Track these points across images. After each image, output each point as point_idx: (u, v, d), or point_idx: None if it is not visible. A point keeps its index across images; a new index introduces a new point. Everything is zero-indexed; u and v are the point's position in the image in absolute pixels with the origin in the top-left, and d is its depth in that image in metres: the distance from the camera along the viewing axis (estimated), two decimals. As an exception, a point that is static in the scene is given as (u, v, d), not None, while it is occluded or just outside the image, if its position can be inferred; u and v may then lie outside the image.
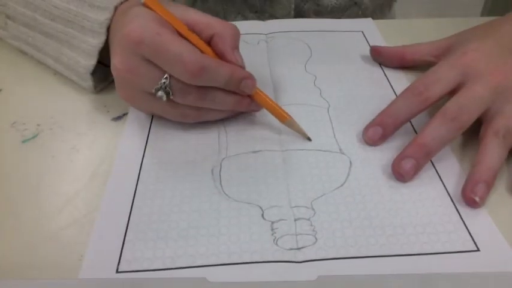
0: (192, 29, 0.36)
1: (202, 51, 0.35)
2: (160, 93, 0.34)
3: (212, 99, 0.36)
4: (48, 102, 0.43)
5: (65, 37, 0.41)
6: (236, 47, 0.36)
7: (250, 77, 0.36)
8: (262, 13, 0.59)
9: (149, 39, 0.33)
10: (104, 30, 0.38)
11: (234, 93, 0.36)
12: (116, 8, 0.38)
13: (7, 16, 0.44)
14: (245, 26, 0.53)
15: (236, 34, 0.37)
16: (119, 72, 0.35)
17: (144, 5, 0.35)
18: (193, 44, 0.35)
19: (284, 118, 0.38)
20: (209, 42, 0.36)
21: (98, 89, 0.43)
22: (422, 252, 0.29)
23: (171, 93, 0.34)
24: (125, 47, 0.34)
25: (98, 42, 0.39)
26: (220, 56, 0.36)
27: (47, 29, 0.42)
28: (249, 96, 0.37)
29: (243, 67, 0.36)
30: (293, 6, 0.58)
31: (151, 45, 0.33)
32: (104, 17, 0.38)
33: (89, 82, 0.41)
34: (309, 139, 0.38)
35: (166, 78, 0.34)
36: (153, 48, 0.33)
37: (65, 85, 0.44)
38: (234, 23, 0.56)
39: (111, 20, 0.38)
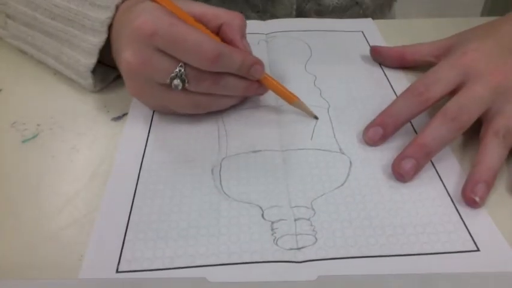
0: (200, 21, 0.37)
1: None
2: (176, 81, 0.35)
3: (225, 84, 0.37)
4: (48, 102, 0.43)
5: (65, 36, 0.41)
6: (244, 36, 0.38)
7: (259, 62, 0.37)
8: (264, 13, 0.59)
9: (164, 30, 0.33)
10: (105, 28, 0.38)
11: (243, 78, 0.37)
12: (117, 7, 0.38)
13: (7, 15, 0.44)
14: (245, 26, 0.54)
15: (243, 24, 0.38)
16: (131, 66, 0.35)
17: None
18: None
19: (292, 99, 0.39)
20: (217, 32, 0.37)
21: (98, 88, 0.43)
22: (422, 252, 0.29)
23: (186, 81, 0.35)
24: (136, 40, 0.34)
25: (98, 41, 0.39)
26: (229, 44, 0.37)
27: (47, 28, 0.42)
28: (258, 80, 0.38)
29: (251, 53, 0.38)
30: (295, 6, 0.58)
31: (167, 36, 0.33)
32: (105, 15, 0.38)
33: (89, 80, 0.41)
34: (316, 117, 0.40)
35: (181, 66, 0.34)
36: (168, 38, 0.33)
37: (65, 85, 0.44)
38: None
39: (113, 18, 0.38)
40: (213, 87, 0.36)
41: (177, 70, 0.34)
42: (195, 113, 0.39)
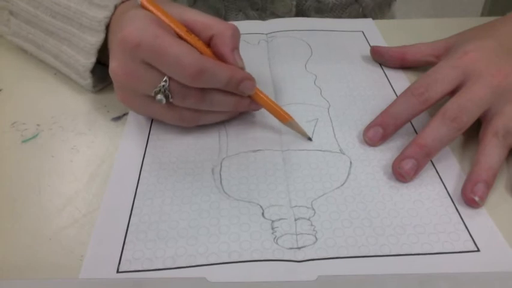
0: (191, 30, 0.36)
1: (201, 53, 0.35)
2: (159, 96, 0.34)
3: (211, 101, 0.35)
4: (48, 102, 0.43)
5: (64, 34, 0.41)
6: (236, 48, 0.36)
7: (249, 78, 0.36)
8: (263, 11, 0.59)
9: (147, 42, 0.32)
10: (102, 28, 0.38)
11: (233, 94, 0.36)
12: (116, 7, 0.38)
13: (10, 12, 0.44)
14: (246, 26, 0.54)
15: (236, 34, 0.36)
16: (117, 77, 0.35)
17: (142, 5, 0.35)
18: (192, 45, 0.35)
19: (285, 119, 0.37)
20: (208, 43, 0.36)
21: (97, 88, 0.43)
22: (422, 252, 0.29)
23: (170, 96, 0.34)
24: (122, 51, 0.34)
25: (96, 40, 0.39)
26: (219, 57, 0.35)
27: (48, 26, 0.42)
28: (249, 96, 0.37)
29: (242, 68, 0.36)
30: (294, 3, 0.58)
31: (150, 48, 0.32)
32: (103, 15, 0.38)
33: (88, 80, 0.41)
34: (310, 139, 0.38)
35: (165, 81, 0.33)
36: (151, 51, 0.32)
37: (65, 85, 0.44)
38: (235, 21, 0.56)
39: (111, 18, 0.38)
40: (198, 103, 0.35)
41: (161, 85, 0.33)
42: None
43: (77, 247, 0.30)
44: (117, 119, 0.41)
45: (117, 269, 0.29)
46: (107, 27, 0.38)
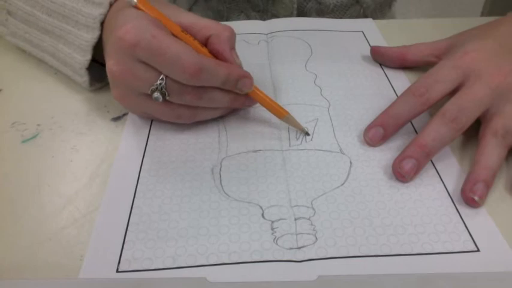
0: (188, 31, 0.36)
1: (197, 52, 0.35)
2: (156, 94, 0.34)
3: (209, 98, 0.36)
4: (48, 102, 0.43)
5: (60, 32, 0.41)
6: (233, 47, 0.37)
7: (247, 75, 0.36)
8: (265, 12, 0.59)
9: (145, 41, 0.32)
10: (97, 25, 0.38)
11: (230, 91, 0.36)
12: (111, 4, 0.38)
13: (8, 12, 0.44)
14: (246, 26, 0.54)
15: (232, 36, 0.37)
16: (114, 75, 0.35)
17: (136, 6, 0.35)
18: (188, 45, 0.35)
19: (282, 114, 0.38)
20: (205, 43, 0.36)
21: (94, 87, 0.43)
22: (422, 252, 0.29)
23: (167, 94, 0.34)
24: (119, 50, 0.34)
25: (91, 37, 0.39)
26: (217, 55, 0.36)
27: (44, 24, 0.42)
28: (246, 93, 0.37)
29: (240, 66, 0.36)
30: (295, 5, 0.58)
31: (148, 48, 0.32)
32: (98, 12, 0.38)
33: (84, 78, 0.41)
34: (307, 134, 0.38)
35: (162, 79, 0.34)
36: (149, 50, 0.33)
37: (65, 85, 0.44)
38: (234, 22, 0.56)
39: (106, 15, 0.38)
40: (195, 100, 0.35)
41: (157, 83, 0.34)
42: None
43: (76, 247, 0.30)
44: (117, 119, 0.41)
45: (117, 269, 0.29)
46: (102, 24, 0.38)
